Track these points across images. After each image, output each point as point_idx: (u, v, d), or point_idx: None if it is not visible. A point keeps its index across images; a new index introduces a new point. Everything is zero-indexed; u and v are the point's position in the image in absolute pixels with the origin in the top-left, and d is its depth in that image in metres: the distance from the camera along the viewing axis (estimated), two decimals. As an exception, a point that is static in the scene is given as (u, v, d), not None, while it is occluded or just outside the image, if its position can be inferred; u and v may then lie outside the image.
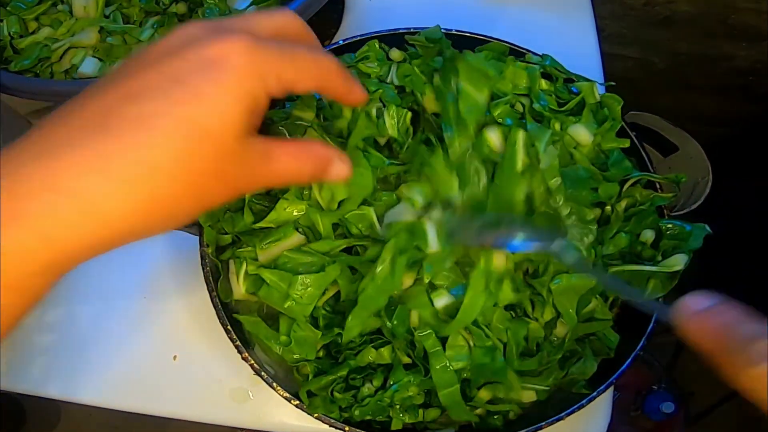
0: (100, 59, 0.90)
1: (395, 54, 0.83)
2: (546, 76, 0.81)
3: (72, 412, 1.87)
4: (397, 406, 0.72)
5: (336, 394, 0.72)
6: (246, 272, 0.72)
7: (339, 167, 0.52)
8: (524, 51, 0.85)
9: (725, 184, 1.40)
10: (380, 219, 0.71)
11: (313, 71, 0.47)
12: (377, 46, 0.83)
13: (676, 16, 1.37)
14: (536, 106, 0.76)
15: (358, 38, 0.84)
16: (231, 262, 0.75)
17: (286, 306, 0.69)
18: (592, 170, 0.74)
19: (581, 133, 0.75)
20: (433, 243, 0.68)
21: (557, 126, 0.75)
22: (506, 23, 0.99)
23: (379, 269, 0.67)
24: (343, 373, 0.71)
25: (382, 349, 0.72)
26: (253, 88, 0.42)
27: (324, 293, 0.71)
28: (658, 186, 0.78)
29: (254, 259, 0.72)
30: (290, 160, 0.48)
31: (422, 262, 0.69)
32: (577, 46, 1.06)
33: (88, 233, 0.39)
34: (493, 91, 0.75)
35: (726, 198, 1.42)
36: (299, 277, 0.68)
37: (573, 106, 0.77)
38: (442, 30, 0.83)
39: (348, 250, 0.73)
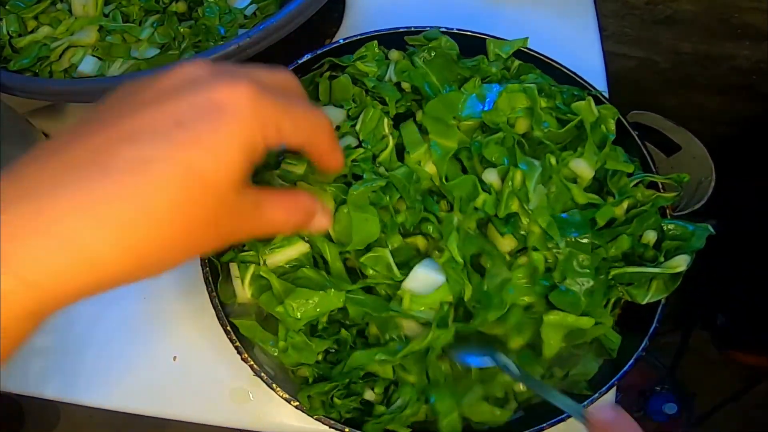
0: (99, 58, 0.90)
1: (394, 55, 0.83)
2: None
3: (71, 413, 1.87)
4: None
5: (336, 400, 0.72)
6: (253, 276, 0.72)
7: (320, 220, 0.53)
8: (526, 50, 0.84)
9: (728, 183, 1.40)
10: (397, 264, 0.71)
11: (306, 126, 0.47)
12: (376, 48, 0.83)
13: (679, 15, 1.37)
14: (537, 133, 0.76)
15: (358, 37, 0.84)
16: (233, 265, 0.75)
17: (277, 309, 0.69)
18: (585, 214, 0.74)
19: (582, 168, 0.74)
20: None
21: (553, 160, 0.74)
22: (507, 23, 0.99)
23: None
24: (345, 381, 0.71)
25: (386, 366, 0.72)
26: (254, 137, 0.41)
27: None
28: (660, 186, 0.78)
29: (258, 264, 0.72)
30: (279, 211, 0.49)
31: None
32: (579, 45, 1.06)
33: (76, 278, 0.37)
34: (485, 122, 0.76)
35: (728, 198, 1.42)
36: (300, 290, 0.68)
37: (573, 128, 0.76)
38: (443, 29, 0.83)
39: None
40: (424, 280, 0.70)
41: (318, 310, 0.68)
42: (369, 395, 0.73)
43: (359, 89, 0.81)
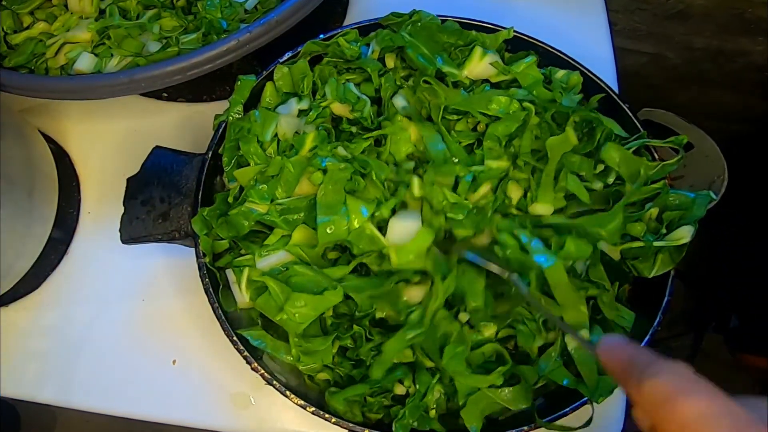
0: (95, 55, 0.90)
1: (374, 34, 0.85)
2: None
3: (68, 418, 1.87)
4: (433, 411, 0.73)
5: (369, 398, 0.72)
6: (248, 279, 0.73)
7: None
8: (533, 41, 0.85)
9: (742, 182, 1.40)
10: (381, 226, 0.72)
11: None
12: (357, 35, 0.84)
13: (691, 9, 1.36)
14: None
15: (364, 23, 0.85)
16: (229, 271, 0.75)
17: (278, 318, 0.69)
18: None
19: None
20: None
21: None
22: (515, 17, 0.98)
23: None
24: (373, 383, 0.72)
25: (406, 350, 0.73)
26: None
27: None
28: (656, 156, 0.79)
29: (253, 267, 0.73)
30: None
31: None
32: (588, 40, 1.06)
33: None
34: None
35: (742, 196, 1.41)
36: (297, 294, 0.69)
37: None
38: (440, 16, 0.84)
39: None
40: (402, 229, 0.70)
41: (314, 311, 0.69)
42: (399, 389, 0.74)
43: (331, 68, 0.83)
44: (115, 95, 0.80)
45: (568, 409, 0.71)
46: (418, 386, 0.72)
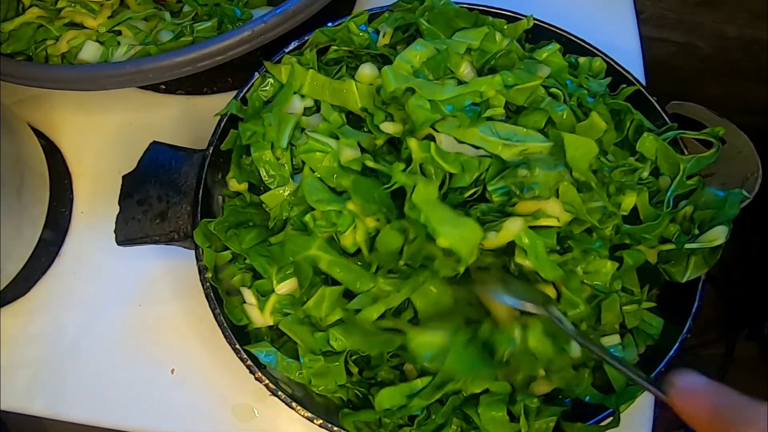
0: (101, 43, 0.90)
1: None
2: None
3: (59, 430, 1.87)
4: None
5: (384, 419, 0.72)
6: (275, 307, 0.73)
7: None
8: (555, 29, 0.85)
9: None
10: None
11: None
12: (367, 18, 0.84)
13: (723, -5, 1.36)
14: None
15: (376, 11, 0.85)
16: (247, 291, 0.75)
17: (307, 337, 0.70)
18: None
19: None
20: None
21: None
22: (535, 4, 0.98)
23: None
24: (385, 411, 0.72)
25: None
26: None
27: None
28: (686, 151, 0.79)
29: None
30: None
31: None
32: (614, 29, 1.06)
33: None
34: None
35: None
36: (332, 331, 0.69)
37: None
38: (466, 5, 0.83)
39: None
40: None
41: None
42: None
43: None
44: (119, 86, 0.80)
45: (592, 422, 0.71)
46: (434, 416, 0.71)
